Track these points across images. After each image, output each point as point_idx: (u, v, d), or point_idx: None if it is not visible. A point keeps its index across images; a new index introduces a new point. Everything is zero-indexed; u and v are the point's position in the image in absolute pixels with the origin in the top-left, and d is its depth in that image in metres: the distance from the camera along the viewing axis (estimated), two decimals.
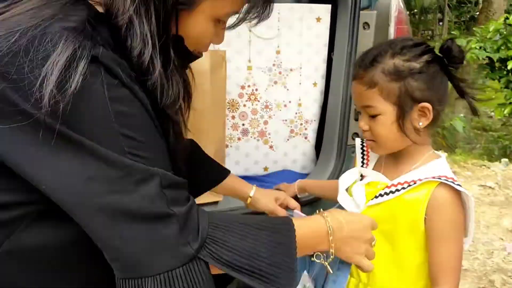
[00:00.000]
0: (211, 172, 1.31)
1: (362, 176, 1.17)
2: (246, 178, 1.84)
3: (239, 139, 1.83)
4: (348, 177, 1.19)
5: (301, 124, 1.86)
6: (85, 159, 0.63)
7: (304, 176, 1.84)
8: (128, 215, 0.66)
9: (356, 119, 1.72)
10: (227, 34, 1.71)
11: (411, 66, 1.00)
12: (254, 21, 0.88)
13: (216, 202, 1.58)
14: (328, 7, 1.75)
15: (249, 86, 1.79)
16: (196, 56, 0.89)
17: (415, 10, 22.24)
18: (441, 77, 1.03)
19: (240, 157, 1.85)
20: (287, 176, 1.85)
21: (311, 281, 1.16)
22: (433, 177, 1.01)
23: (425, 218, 1.02)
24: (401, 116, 1.02)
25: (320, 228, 0.88)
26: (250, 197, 1.33)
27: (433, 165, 1.05)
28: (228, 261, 0.73)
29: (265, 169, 1.88)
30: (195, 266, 0.70)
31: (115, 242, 0.67)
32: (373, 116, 1.05)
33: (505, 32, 5.32)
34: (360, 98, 1.06)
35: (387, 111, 1.02)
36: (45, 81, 0.60)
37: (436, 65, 1.02)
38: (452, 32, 5.88)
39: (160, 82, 0.73)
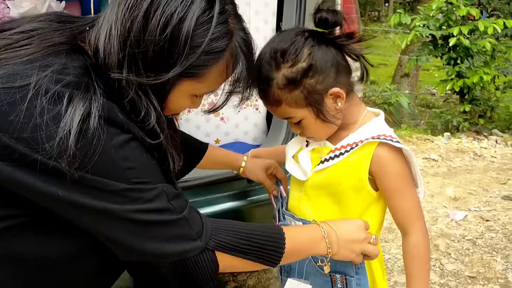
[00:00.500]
0: (193, 148, 1.35)
1: (308, 143, 1.18)
2: None
3: (189, 111, 1.80)
4: (294, 145, 1.20)
5: (252, 95, 1.85)
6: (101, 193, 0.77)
7: (255, 147, 1.84)
8: (149, 225, 0.82)
9: None
10: None
11: (299, 69, 0.99)
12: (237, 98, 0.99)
13: None
14: None
15: None
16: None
17: None
18: (331, 52, 1.02)
19: (191, 130, 1.81)
20: (239, 147, 1.84)
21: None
22: (373, 137, 1.03)
23: (369, 178, 1.05)
24: (319, 112, 1.03)
25: (315, 233, 1.01)
26: (242, 167, 1.39)
27: (371, 125, 1.08)
28: (233, 246, 0.91)
29: (217, 141, 1.86)
30: (205, 255, 0.88)
31: (144, 245, 0.83)
32: (297, 123, 1.07)
33: (446, 10, 5.51)
34: (277, 114, 1.08)
35: (305, 114, 1.04)
36: (65, 137, 0.71)
37: (318, 46, 1.01)
38: (398, 11, 6.02)
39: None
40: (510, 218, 3.10)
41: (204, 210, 1.57)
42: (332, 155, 1.09)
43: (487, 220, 3.10)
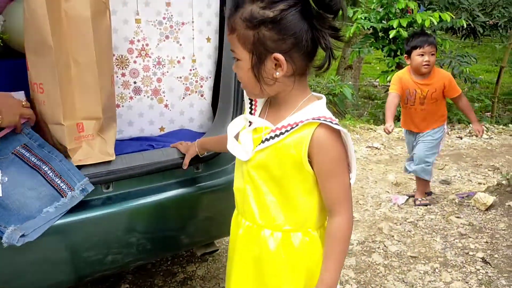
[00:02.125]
0: None
1: (250, 123, 1.17)
2: (141, 139, 1.76)
3: (131, 98, 1.73)
4: (236, 125, 1.18)
5: (197, 81, 1.81)
6: None
7: (201, 134, 1.81)
8: None
9: None
10: None
11: (264, 14, 0.99)
12: None
13: (109, 162, 1.48)
14: None
15: (138, 40, 1.69)
16: None
17: None
18: (303, 26, 1.00)
19: (134, 117, 1.75)
20: (184, 135, 1.79)
21: None
22: (313, 118, 1.03)
23: (309, 159, 1.05)
24: (256, 65, 1.02)
25: None
26: None
27: (312, 107, 1.08)
28: None
29: (161, 129, 1.81)
30: None
31: None
32: (237, 60, 1.06)
33: (386, 3, 5.69)
34: (228, 40, 1.08)
35: (244, 57, 1.03)
36: None
37: (296, 14, 0.99)
38: None
39: None
40: (448, 201, 3.26)
41: (149, 199, 1.53)
42: (272, 134, 1.08)
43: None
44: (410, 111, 3.21)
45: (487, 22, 7.88)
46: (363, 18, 5.78)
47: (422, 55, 3.04)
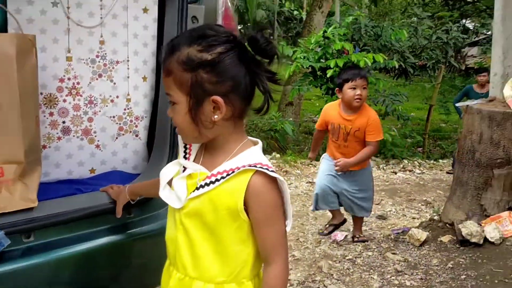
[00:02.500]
0: None
1: (184, 169, 1.13)
2: (69, 182, 1.66)
3: (59, 138, 1.64)
4: (169, 170, 1.14)
5: (131, 120, 1.75)
6: None
7: (135, 176, 1.73)
8: None
9: None
10: (41, 19, 1.52)
11: (202, 57, 0.98)
12: None
13: (30, 209, 1.36)
14: None
15: (69, 79, 1.61)
16: None
17: (248, 24, 23.72)
18: (240, 69, 1.00)
19: (62, 159, 1.65)
20: (117, 177, 1.71)
21: None
22: (250, 165, 1.02)
23: (244, 206, 1.03)
24: (193, 108, 1.01)
25: None
26: None
27: (248, 153, 1.06)
28: None
29: (92, 171, 1.72)
30: None
31: None
32: (173, 104, 1.04)
33: (324, 44, 5.93)
34: (164, 83, 1.06)
35: (181, 100, 1.01)
36: None
37: (234, 57, 0.99)
38: (281, 43, 6.35)
39: None
40: (384, 236, 3.34)
41: (75, 248, 1.43)
42: (208, 181, 1.05)
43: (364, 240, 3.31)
44: (336, 146, 3.12)
45: (417, 63, 8.44)
46: (302, 57, 5.98)
47: (354, 88, 2.93)
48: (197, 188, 1.06)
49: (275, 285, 1.06)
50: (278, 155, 6.04)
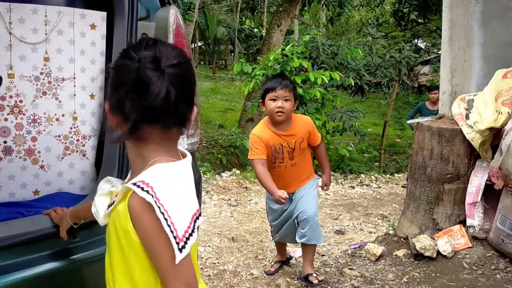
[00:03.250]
0: None
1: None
2: (11, 205, 1.58)
3: (0, 159, 1.55)
4: (100, 188, 1.12)
5: (78, 140, 1.69)
6: None
7: (83, 197, 1.66)
8: None
9: None
10: None
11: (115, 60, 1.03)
12: None
13: None
14: (103, 14, 1.64)
15: (11, 97, 1.54)
16: None
17: (209, 41, 23.81)
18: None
19: (3, 180, 1.57)
20: (63, 199, 1.64)
21: None
22: (133, 184, 0.94)
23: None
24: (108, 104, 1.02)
25: None
26: None
27: (154, 168, 0.97)
28: None
29: (36, 192, 1.64)
30: None
31: None
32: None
33: (282, 62, 6.01)
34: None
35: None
36: None
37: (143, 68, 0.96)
38: (240, 60, 6.39)
39: None
40: (341, 252, 3.37)
41: (17, 275, 1.34)
42: (115, 198, 1.01)
43: (323, 255, 3.32)
44: (279, 172, 2.67)
45: (372, 81, 8.68)
46: (261, 74, 6.03)
47: (274, 100, 2.53)
48: (109, 205, 1.03)
49: None
50: (238, 171, 6.01)
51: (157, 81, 0.93)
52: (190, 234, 0.96)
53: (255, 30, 7.14)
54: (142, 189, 0.93)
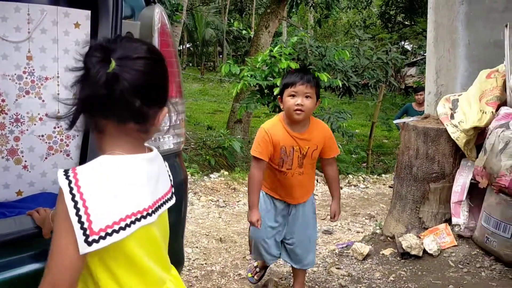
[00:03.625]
0: None
1: None
2: None
3: None
4: None
5: (62, 139, 1.67)
6: None
7: None
8: None
9: None
10: None
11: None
12: None
13: None
14: (87, 13, 1.63)
15: None
16: None
17: (198, 43, 23.78)
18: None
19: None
20: (46, 199, 1.62)
21: None
22: (63, 170, 0.95)
23: None
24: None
25: None
26: None
27: (94, 160, 0.98)
28: None
29: (19, 193, 1.62)
30: None
31: None
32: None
33: (270, 63, 6.02)
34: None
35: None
36: None
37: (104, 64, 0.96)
38: (228, 61, 6.39)
39: None
40: (329, 252, 3.38)
41: None
42: None
43: None
44: (285, 179, 2.34)
45: (360, 82, 8.73)
46: (250, 75, 6.03)
47: (294, 95, 2.21)
48: None
49: None
50: (226, 173, 6.01)
51: (99, 70, 0.92)
52: (116, 231, 0.93)
53: (244, 32, 7.17)
54: (66, 174, 0.92)
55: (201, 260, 3.23)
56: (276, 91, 5.82)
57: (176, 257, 1.81)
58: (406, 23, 14.87)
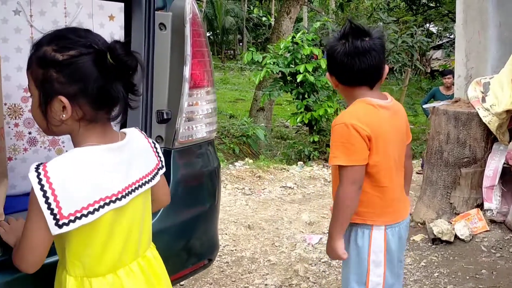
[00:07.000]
0: None
1: None
2: None
3: (25, 149, 1.59)
4: None
5: None
6: None
7: None
8: None
9: (159, 122, 1.67)
10: (2, 28, 1.48)
11: (54, 57, 1.02)
12: None
13: None
14: (121, 5, 1.65)
15: None
16: None
17: (218, 31, 23.78)
18: (91, 75, 1.02)
19: (29, 171, 1.59)
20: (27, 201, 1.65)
21: None
22: (36, 164, 1.04)
23: None
24: (42, 103, 1.04)
25: None
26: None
27: (65, 153, 1.07)
28: None
29: None
30: None
31: None
32: (30, 96, 1.08)
33: (293, 50, 6.00)
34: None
35: (34, 94, 1.06)
36: None
37: (88, 62, 1.02)
38: (250, 49, 6.38)
39: None
40: None
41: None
42: None
43: None
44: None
45: None
46: (272, 63, 6.03)
47: None
48: None
49: None
50: (251, 161, 6.04)
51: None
52: (85, 215, 1.01)
53: (264, 18, 7.19)
54: (37, 168, 1.01)
55: (231, 247, 3.28)
56: (299, 78, 5.80)
57: (211, 241, 1.85)
58: (431, 4, 14.52)
